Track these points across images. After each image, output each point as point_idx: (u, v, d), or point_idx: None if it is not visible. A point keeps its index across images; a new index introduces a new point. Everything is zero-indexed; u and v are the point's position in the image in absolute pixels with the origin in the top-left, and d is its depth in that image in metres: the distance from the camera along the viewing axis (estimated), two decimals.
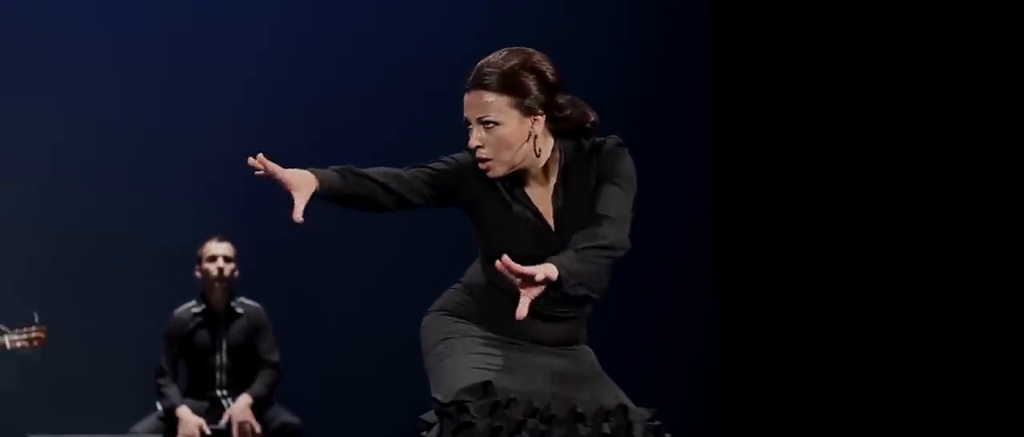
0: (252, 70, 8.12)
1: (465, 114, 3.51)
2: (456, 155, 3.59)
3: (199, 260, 7.37)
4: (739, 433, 8.33)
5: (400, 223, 8.06)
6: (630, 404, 3.58)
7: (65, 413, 7.78)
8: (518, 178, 3.55)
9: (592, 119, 3.58)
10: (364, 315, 8.10)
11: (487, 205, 3.54)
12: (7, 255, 7.72)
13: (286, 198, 8.76)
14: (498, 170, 3.50)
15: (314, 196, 3.45)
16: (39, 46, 7.86)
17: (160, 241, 7.86)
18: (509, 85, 3.46)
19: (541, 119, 3.49)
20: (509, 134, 3.46)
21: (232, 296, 7.39)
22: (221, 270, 7.30)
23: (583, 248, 3.35)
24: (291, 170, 3.47)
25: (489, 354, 3.56)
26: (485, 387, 3.45)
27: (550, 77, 3.50)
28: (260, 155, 3.46)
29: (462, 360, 3.54)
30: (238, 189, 8.10)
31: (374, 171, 3.52)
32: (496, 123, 3.46)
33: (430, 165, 3.57)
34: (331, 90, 8.12)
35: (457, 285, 3.70)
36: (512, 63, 3.48)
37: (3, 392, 7.43)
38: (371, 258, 8.15)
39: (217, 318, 7.37)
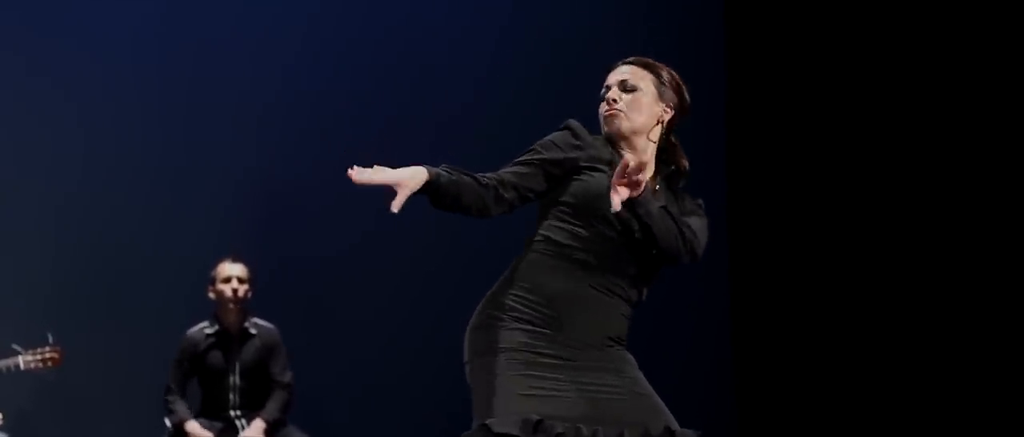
0: (275, 87, 8.13)
1: (607, 82, 3.82)
2: (545, 140, 3.77)
3: (213, 281, 7.36)
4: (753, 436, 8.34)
5: (419, 243, 8.12)
6: (676, 427, 3.65)
7: (79, 434, 7.76)
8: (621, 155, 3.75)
9: (687, 165, 3.90)
10: (382, 334, 8.09)
11: (591, 165, 3.72)
12: (23, 274, 7.71)
13: (306, 217, 8.78)
14: (622, 123, 3.77)
15: (424, 189, 3.55)
16: (61, 61, 7.86)
17: (177, 261, 7.85)
18: (654, 70, 3.85)
19: (669, 114, 3.81)
20: (644, 102, 3.79)
21: (246, 317, 7.38)
22: (235, 292, 7.31)
23: (672, 215, 3.69)
24: (398, 170, 3.55)
25: (539, 376, 3.60)
26: (536, 426, 3.52)
27: (685, 95, 3.87)
28: (355, 168, 3.54)
29: (512, 383, 3.58)
30: (258, 208, 8.11)
31: (481, 176, 3.65)
32: (636, 88, 3.79)
33: (536, 158, 3.71)
34: (354, 108, 8.12)
35: (505, 280, 3.72)
36: (669, 69, 3.89)
37: (18, 412, 7.41)
38: (390, 278, 8.14)
39: (231, 339, 7.36)
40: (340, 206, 8.05)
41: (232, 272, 7.33)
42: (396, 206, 3.49)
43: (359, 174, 3.49)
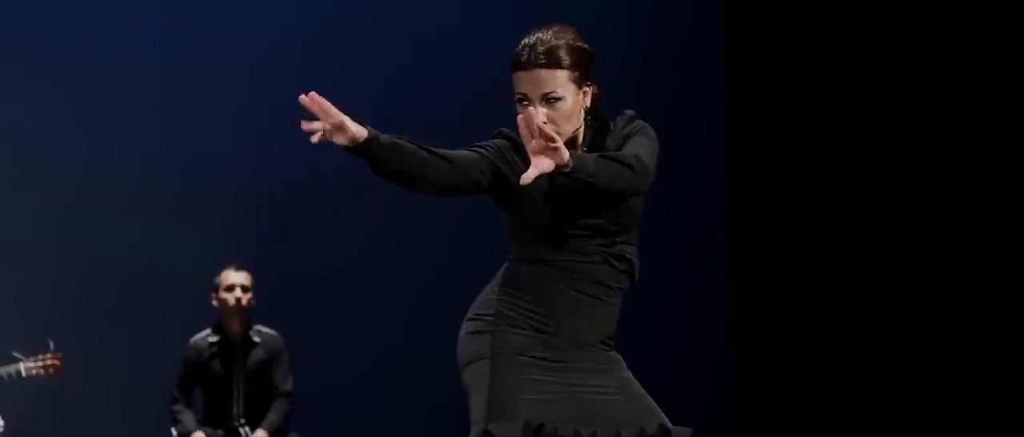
0: (277, 96, 8.12)
1: (522, 91, 3.59)
2: (487, 142, 3.65)
3: (216, 289, 7.35)
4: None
5: (421, 251, 8.12)
6: (670, 426, 3.63)
7: None
8: None
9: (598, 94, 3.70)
10: (384, 342, 8.08)
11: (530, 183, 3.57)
12: (25, 281, 7.70)
13: (309, 225, 8.74)
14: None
15: (363, 146, 3.46)
16: (63, 71, 7.86)
17: (179, 268, 7.84)
18: (567, 60, 3.57)
19: (590, 91, 3.63)
20: (569, 107, 3.58)
21: (249, 325, 7.37)
22: (238, 301, 7.29)
23: (602, 155, 3.49)
24: (346, 118, 3.50)
25: (534, 379, 3.58)
26: (537, 430, 3.51)
27: (590, 50, 3.64)
28: (313, 93, 3.46)
29: (510, 387, 3.56)
30: (260, 216, 8.10)
31: (428, 146, 3.51)
32: (559, 98, 3.57)
33: (481, 151, 3.60)
34: (355, 116, 8.09)
35: (494, 286, 3.69)
36: (566, 39, 3.60)
37: (19, 419, 7.40)
38: (392, 285, 8.13)
39: (234, 347, 7.34)
40: (342, 214, 8.05)
41: (235, 280, 7.32)
42: (316, 138, 3.49)
43: (310, 100, 3.46)
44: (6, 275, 7.66)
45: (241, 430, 7.27)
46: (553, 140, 3.30)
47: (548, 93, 3.55)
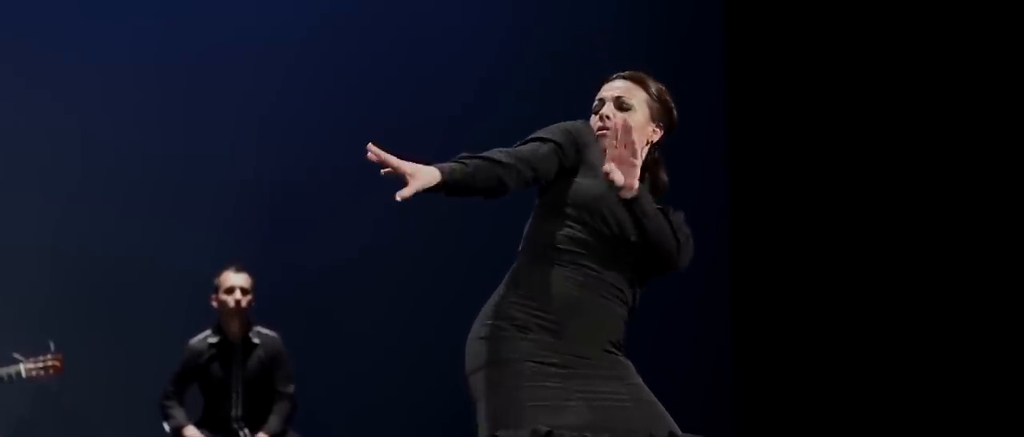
0: (275, 96, 8.13)
1: (600, 96, 3.82)
2: (557, 126, 3.75)
3: (216, 290, 7.34)
4: None
5: (421, 251, 8.11)
6: (680, 433, 3.67)
7: None
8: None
9: (665, 181, 3.89)
10: (384, 343, 8.08)
11: (590, 168, 3.72)
12: (25, 282, 7.70)
13: (308, 226, 8.75)
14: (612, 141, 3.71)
15: (436, 189, 3.48)
16: (61, 71, 7.85)
17: (179, 268, 7.83)
18: (647, 87, 3.83)
19: (659, 133, 3.81)
20: (635, 122, 3.75)
21: (249, 326, 7.35)
22: (238, 303, 7.28)
23: (665, 215, 3.72)
24: (414, 164, 3.50)
25: (545, 386, 3.61)
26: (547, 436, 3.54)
27: (674, 112, 3.85)
28: (371, 144, 3.51)
29: (520, 395, 3.59)
30: (260, 216, 8.10)
31: (497, 155, 3.59)
32: (630, 107, 3.78)
33: (553, 139, 3.69)
34: (355, 117, 8.11)
35: (503, 289, 3.71)
36: (658, 85, 3.85)
37: (18, 420, 7.40)
38: (392, 286, 8.13)
39: (233, 349, 7.33)
40: (342, 214, 8.05)
41: (235, 282, 7.30)
42: (403, 195, 3.42)
43: (375, 153, 3.45)
44: (6, 276, 7.65)
45: (240, 433, 7.27)
46: (633, 155, 3.56)
47: (620, 97, 3.78)
